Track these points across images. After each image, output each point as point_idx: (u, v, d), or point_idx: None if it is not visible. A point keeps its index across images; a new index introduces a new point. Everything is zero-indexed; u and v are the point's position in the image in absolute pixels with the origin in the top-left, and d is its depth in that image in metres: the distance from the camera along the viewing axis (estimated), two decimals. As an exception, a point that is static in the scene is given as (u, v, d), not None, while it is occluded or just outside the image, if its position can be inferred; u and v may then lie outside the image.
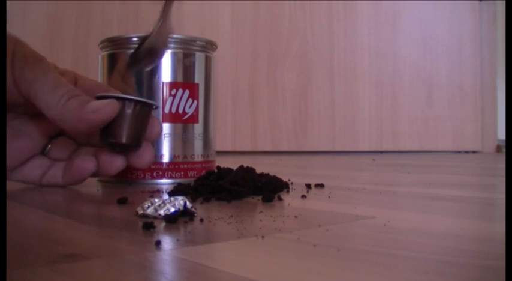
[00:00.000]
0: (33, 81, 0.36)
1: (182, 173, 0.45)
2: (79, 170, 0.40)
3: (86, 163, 0.40)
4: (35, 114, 0.38)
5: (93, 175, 0.41)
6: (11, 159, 0.39)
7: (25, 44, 0.38)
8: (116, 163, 0.39)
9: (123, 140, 0.37)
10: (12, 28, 0.44)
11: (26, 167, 0.40)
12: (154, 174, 0.45)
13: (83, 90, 0.39)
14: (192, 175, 0.46)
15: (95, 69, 0.49)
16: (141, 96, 0.43)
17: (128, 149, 0.39)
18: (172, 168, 0.45)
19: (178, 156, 0.45)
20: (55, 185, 0.41)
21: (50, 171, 0.41)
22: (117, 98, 0.37)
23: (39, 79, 0.36)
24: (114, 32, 0.54)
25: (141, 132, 0.39)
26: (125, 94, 0.39)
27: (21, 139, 0.40)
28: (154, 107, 0.39)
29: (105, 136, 0.38)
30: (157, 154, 0.45)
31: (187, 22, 1.26)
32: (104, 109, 0.36)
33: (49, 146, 0.42)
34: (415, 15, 1.60)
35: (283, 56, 1.39)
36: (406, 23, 1.58)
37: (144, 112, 0.38)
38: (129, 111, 0.37)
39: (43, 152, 0.42)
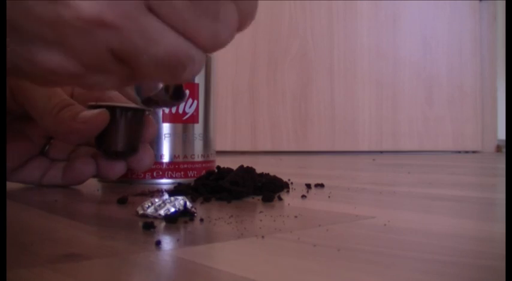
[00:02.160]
0: (28, 91, 0.36)
1: (182, 173, 0.45)
2: (79, 173, 0.40)
3: (86, 166, 0.40)
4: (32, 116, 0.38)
5: (93, 176, 0.41)
6: (10, 160, 0.39)
7: None
8: (115, 168, 0.39)
9: (118, 148, 0.38)
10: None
11: (26, 168, 0.40)
12: (154, 174, 0.45)
13: (80, 98, 0.39)
14: (192, 175, 0.46)
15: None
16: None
17: (124, 155, 0.39)
18: (172, 168, 0.45)
19: (178, 156, 0.45)
20: (55, 185, 0.41)
21: (49, 171, 0.41)
22: (108, 107, 0.37)
23: (33, 89, 0.36)
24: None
25: (136, 138, 0.39)
26: (122, 99, 0.39)
27: (20, 140, 0.40)
28: (147, 111, 0.39)
29: (100, 144, 0.38)
30: (158, 154, 0.45)
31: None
32: (94, 119, 0.36)
33: (48, 146, 0.42)
34: (415, 15, 1.60)
35: (283, 56, 1.39)
36: (406, 23, 1.58)
37: (137, 117, 0.38)
38: (121, 118, 0.37)
39: (42, 153, 0.42)
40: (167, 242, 0.21)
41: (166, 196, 0.29)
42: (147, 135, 0.40)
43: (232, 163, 0.45)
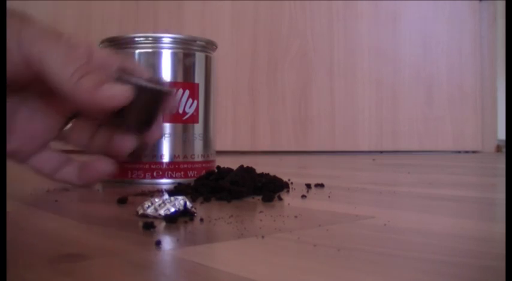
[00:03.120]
0: (44, 55, 0.34)
1: (182, 173, 0.45)
2: (96, 171, 0.39)
3: (103, 164, 0.39)
4: (51, 92, 0.36)
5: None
6: (28, 143, 0.38)
7: (32, 18, 0.37)
8: (126, 143, 0.39)
9: (135, 125, 0.37)
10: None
11: (44, 155, 0.39)
12: (154, 174, 0.45)
13: (98, 64, 0.38)
14: (192, 175, 0.46)
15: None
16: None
17: (138, 131, 0.39)
18: (172, 168, 0.45)
19: (178, 156, 0.45)
20: (66, 182, 0.40)
21: (65, 167, 0.40)
22: (133, 84, 0.36)
23: (49, 52, 0.34)
24: (114, 32, 0.54)
25: (153, 117, 0.38)
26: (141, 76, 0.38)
27: (37, 120, 0.38)
28: (168, 93, 0.39)
29: (116, 117, 0.37)
30: (157, 154, 0.45)
31: (187, 22, 1.26)
32: (117, 96, 0.35)
33: (68, 126, 0.40)
34: (415, 15, 1.60)
35: (283, 56, 1.39)
36: (406, 23, 1.58)
37: (158, 99, 0.38)
38: (142, 96, 0.37)
39: (60, 136, 0.40)
40: (167, 242, 0.21)
41: (166, 196, 0.29)
42: (152, 138, 0.40)
43: (232, 163, 0.45)
